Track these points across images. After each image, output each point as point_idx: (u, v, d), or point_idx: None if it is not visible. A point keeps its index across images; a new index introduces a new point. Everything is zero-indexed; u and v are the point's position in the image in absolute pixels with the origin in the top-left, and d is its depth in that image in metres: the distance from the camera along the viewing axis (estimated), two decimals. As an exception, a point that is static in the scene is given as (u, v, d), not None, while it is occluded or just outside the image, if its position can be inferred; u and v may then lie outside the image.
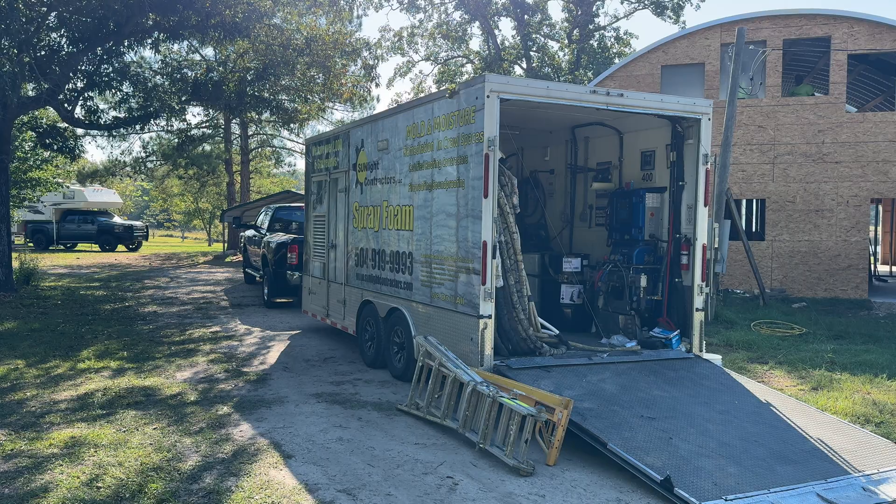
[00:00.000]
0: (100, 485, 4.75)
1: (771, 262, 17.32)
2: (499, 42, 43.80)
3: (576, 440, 5.46)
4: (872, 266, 23.58)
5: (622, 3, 41.49)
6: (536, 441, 5.41)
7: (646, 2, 41.45)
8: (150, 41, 15.91)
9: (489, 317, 6.54)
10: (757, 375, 8.77)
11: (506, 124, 9.59)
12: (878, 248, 29.38)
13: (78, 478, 4.87)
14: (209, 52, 23.74)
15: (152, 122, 17.96)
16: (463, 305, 6.81)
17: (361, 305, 9.17)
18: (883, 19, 16.34)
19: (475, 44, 46.11)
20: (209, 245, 50.92)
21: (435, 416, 6.15)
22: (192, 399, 7.15)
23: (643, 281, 7.94)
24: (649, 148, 8.47)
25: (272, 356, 9.55)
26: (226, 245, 35.46)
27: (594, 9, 41.35)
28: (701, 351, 7.66)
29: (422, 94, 38.33)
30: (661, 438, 5.32)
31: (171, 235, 71.54)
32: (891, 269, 25.33)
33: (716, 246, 8.14)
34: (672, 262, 7.99)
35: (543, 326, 7.41)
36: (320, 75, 17.39)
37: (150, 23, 15.11)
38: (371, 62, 17.31)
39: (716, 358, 7.75)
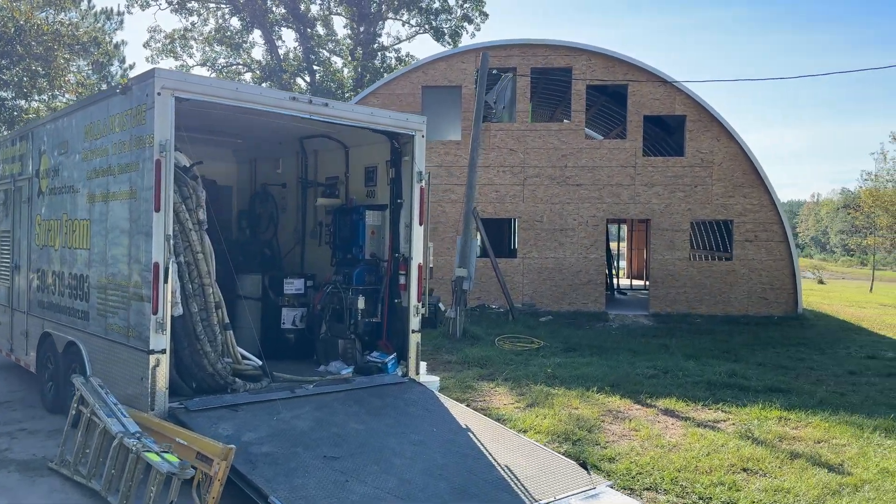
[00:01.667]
0: None
1: (522, 278, 18.14)
2: (284, 53, 42.52)
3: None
4: (616, 280, 25.92)
5: (403, 25, 41.99)
6: (193, 499, 4.61)
7: (426, 27, 42.73)
8: None
9: (162, 351, 5.62)
10: (481, 393, 8.74)
11: (225, 131, 8.79)
12: (624, 264, 32.61)
13: None
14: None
15: None
16: (134, 339, 5.82)
17: (41, 338, 7.71)
18: (615, 54, 17.96)
19: (259, 53, 44.01)
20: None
21: (81, 475, 5.09)
22: None
23: (361, 302, 7.51)
24: (372, 164, 8.12)
25: (-77, 404, 7.70)
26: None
27: (375, 28, 41.69)
28: (417, 374, 7.37)
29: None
30: (336, 483, 4.79)
31: None
32: (631, 283, 28.07)
33: (428, 264, 7.99)
34: (392, 283, 7.66)
35: (245, 357, 6.64)
36: (42, 70, 15.11)
37: None
38: (102, 59, 15.38)
39: (432, 381, 7.52)
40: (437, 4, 41.27)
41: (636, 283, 27.97)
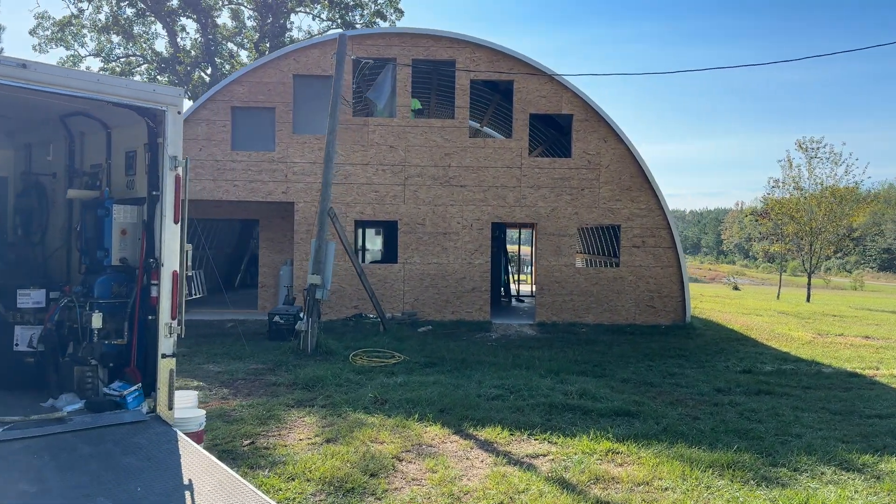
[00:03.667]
0: None
1: (403, 285, 16.88)
2: (187, 45, 40.27)
3: None
4: (517, 286, 25.01)
5: (314, 19, 40.35)
6: None
7: (338, 21, 41.25)
8: None
9: None
10: (281, 425, 7.37)
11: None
12: (531, 269, 31.73)
13: None
14: None
15: None
16: None
17: None
18: (500, 47, 16.91)
19: (163, 45, 41.46)
20: None
21: None
22: None
23: (97, 320, 6.04)
24: (132, 148, 6.66)
25: None
26: None
27: (284, 21, 39.90)
28: (171, 409, 5.93)
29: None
30: None
31: None
32: (532, 289, 27.17)
33: (185, 272, 6.63)
34: (144, 295, 6.21)
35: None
36: None
37: None
38: None
39: (194, 416, 6.13)
40: (349, -1, 39.86)
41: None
